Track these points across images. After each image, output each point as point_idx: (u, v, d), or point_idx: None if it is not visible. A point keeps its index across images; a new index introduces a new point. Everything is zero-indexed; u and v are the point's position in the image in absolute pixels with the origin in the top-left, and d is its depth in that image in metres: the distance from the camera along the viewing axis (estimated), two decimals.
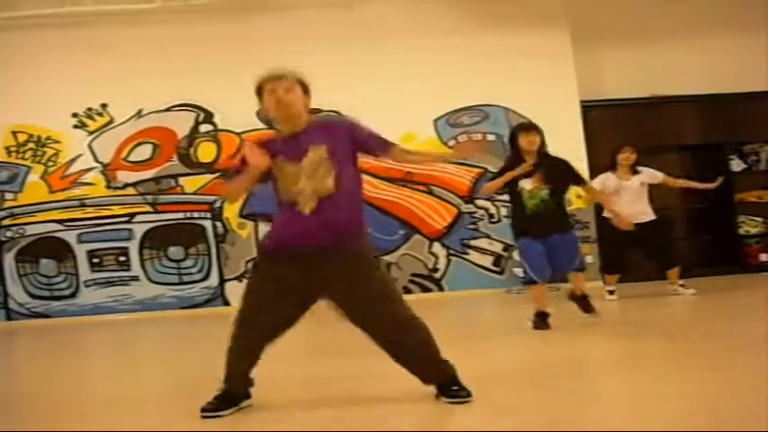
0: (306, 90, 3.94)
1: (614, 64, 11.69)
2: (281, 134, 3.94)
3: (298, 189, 3.76)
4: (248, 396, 3.93)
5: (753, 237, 11.61)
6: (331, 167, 3.75)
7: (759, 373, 3.83)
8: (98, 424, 3.86)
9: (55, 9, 10.97)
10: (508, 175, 6.53)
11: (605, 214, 8.71)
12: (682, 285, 8.61)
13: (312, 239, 3.74)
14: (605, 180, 8.70)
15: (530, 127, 6.68)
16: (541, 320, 6.54)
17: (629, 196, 8.58)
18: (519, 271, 10.73)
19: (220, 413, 3.75)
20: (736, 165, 11.69)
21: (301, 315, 3.89)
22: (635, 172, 8.70)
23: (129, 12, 11.09)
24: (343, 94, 10.95)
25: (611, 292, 8.79)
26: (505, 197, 10.87)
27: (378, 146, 3.94)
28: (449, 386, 3.74)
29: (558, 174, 6.56)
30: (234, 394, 3.86)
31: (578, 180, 6.81)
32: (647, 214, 8.65)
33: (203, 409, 3.76)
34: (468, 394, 3.68)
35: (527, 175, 6.48)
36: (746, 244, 11.58)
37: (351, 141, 3.87)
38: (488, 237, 11.13)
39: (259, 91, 3.93)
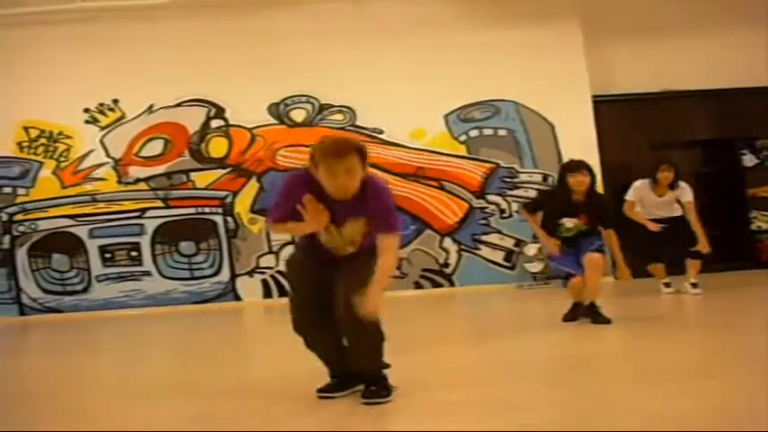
0: (364, 160, 3.77)
1: (625, 59, 11.64)
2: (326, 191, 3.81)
3: (327, 245, 3.94)
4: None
5: (765, 232, 11.57)
6: (362, 235, 3.90)
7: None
8: (108, 419, 3.87)
9: (66, 5, 11.02)
10: (542, 237, 6.66)
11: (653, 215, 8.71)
12: (693, 284, 8.52)
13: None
14: (640, 191, 8.63)
15: (578, 166, 6.52)
16: (571, 311, 6.66)
17: (661, 205, 8.57)
18: (531, 266, 10.76)
19: (334, 395, 3.96)
20: (749, 160, 11.65)
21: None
22: (672, 187, 8.58)
23: (141, 7, 11.12)
24: (354, 90, 11.01)
25: (668, 285, 8.70)
26: (519, 192, 11.03)
27: (380, 226, 3.84)
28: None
29: (597, 212, 6.54)
30: (343, 380, 4.05)
31: (607, 224, 6.63)
32: (673, 210, 8.61)
33: (319, 390, 3.98)
34: (386, 395, 3.84)
35: (570, 215, 6.49)
36: (759, 239, 11.54)
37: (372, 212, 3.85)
38: (499, 232, 11.11)
39: (313, 158, 3.77)
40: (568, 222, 6.51)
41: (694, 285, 8.45)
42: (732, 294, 8.47)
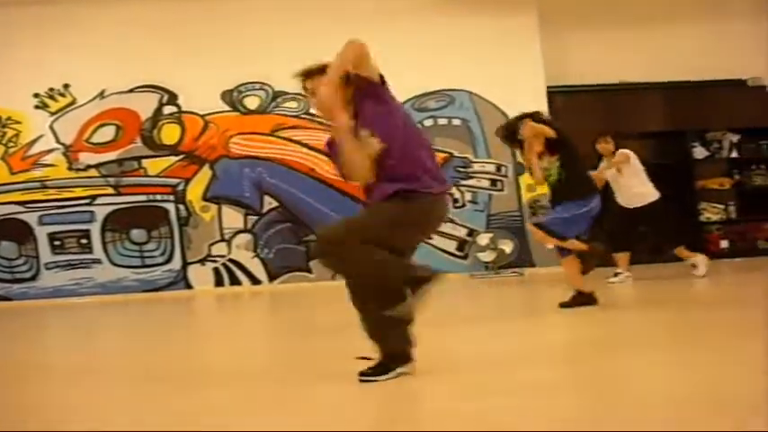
0: (348, 80, 3.74)
1: (580, 50, 11.72)
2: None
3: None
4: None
5: (714, 223, 11.74)
6: (368, 132, 3.66)
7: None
8: (59, 408, 3.81)
9: None
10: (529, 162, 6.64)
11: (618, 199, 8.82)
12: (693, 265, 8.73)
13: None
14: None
15: (520, 118, 6.67)
16: (575, 298, 6.43)
17: (616, 182, 8.70)
18: (484, 255, 10.81)
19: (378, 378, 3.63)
20: (699, 152, 11.79)
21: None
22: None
23: None
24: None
25: (616, 275, 8.72)
26: (472, 182, 11.09)
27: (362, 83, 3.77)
28: None
29: (559, 146, 6.49)
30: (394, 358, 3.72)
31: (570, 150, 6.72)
32: (641, 198, 8.71)
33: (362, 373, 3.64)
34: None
35: (538, 157, 6.48)
36: (708, 231, 11.70)
37: (358, 97, 3.75)
38: (452, 221, 11.13)
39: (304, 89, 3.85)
40: (543, 164, 6.50)
41: (694, 266, 8.73)
42: (682, 285, 8.53)
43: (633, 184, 8.72)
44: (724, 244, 11.63)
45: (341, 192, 10.79)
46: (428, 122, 11.24)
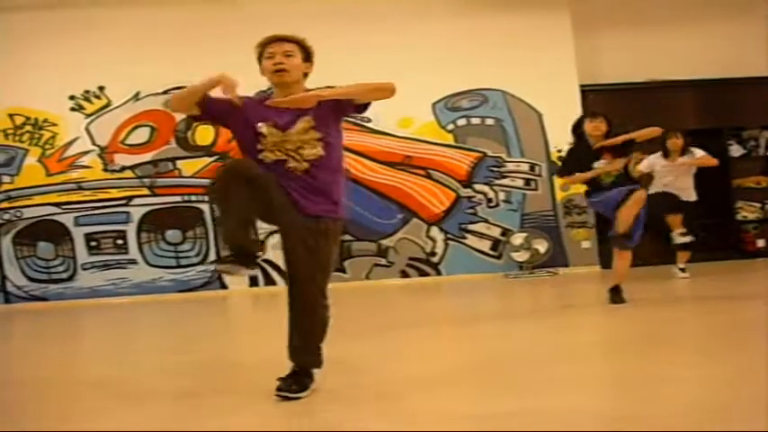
0: (308, 56, 3.81)
1: (614, 48, 11.66)
2: (272, 97, 3.76)
3: (285, 153, 3.68)
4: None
5: (750, 222, 11.62)
6: (318, 135, 3.70)
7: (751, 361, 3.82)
8: (91, 409, 3.83)
9: None
10: (583, 177, 6.64)
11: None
12: (681, 269, 9.01)
13: (301, 200, 3.66)
14: (653, 160, 9.13)
15: (596, 114, 6.71)
16: (617, 294, 6.54)
17: (675, 173, 9.01)
18: (518, 255, 10.75)
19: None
20: (735, 150, 11.68)
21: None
22: (683, 153, 9.01)
23: None
24: (341, 78, 10.79)
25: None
26: (506, 182, 11.05)
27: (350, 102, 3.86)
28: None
29: (621, 148, 6.48)
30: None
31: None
32: (685, 193, 9.00)
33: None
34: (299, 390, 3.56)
35: (597, 157, 6.45)
36: (744, 230, 11.58)
37: (334, 108, 3.78)
38: (486, 221, 11.12)
39: (260, 55, 3.81)
40: (605, 167, 6.46)
41: (683, 270, 9.00)
42: (721, 284, 8.47)
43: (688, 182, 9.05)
44: (760, 243, 11.50)
45: (378, 193, 10.83)
46: (461, 122, 11.23)
